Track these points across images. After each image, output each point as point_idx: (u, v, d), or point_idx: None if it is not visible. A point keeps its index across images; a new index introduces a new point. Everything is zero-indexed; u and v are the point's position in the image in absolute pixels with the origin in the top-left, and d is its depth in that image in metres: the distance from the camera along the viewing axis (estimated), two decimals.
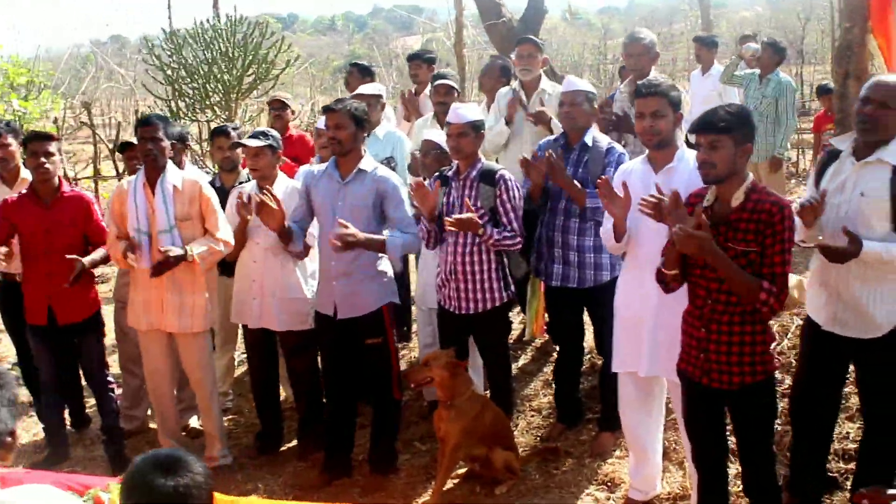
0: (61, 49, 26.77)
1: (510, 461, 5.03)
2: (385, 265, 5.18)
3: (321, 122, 5.73)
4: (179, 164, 6.17)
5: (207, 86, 12.36)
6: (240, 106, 12.57)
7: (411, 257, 6.66)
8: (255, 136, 5.45)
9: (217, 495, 2.93)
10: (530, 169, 5.08)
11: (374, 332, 5.12)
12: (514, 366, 6.38)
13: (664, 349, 4.21)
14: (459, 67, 11.59)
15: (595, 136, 5.15)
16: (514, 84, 6.57)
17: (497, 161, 6.25)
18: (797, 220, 3.96)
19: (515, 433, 5.59)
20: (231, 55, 12.41)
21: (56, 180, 5.43)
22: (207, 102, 12.29)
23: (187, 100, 12.42)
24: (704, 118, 3.73)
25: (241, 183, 5.94)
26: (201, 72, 12.40)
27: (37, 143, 5.34)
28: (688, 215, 3.66)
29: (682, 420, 4.22)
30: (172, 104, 12.36)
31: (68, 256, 5.17)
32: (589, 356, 5.94)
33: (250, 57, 12.44)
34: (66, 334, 5.50)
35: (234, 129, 6.21)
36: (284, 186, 5.44)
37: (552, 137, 5.42)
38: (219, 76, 12.31)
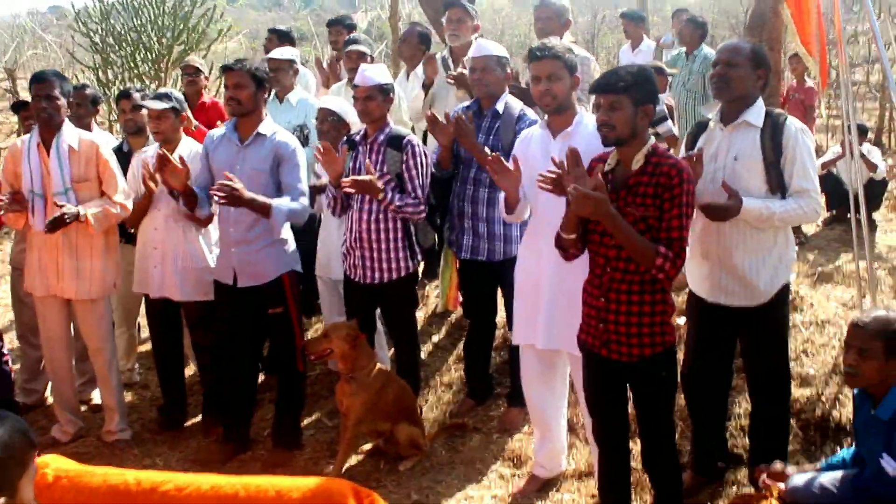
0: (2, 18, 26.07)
1: (415, 437, 4.90)
2: (286, 232, 4.99)
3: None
4: (87, 128, 5.94)
5: (136, 54, 12.04)
6: (170, 76, 12.26)
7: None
8: (157, 97, 5.22)
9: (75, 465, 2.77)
10: (436, 129, 4.91)
11: (276, 302, 4.94)
12: (429, 340, 6.26)
13: (563, 321, 4.09)
14: (394, 41, 11.41)
15: (508, 102, 4.98)
16: (444, 51, 6.39)
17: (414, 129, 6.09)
18: None
19: (425, 408, 5.48)
20: (161, 24, 12.10)
21: None
22: (136, 72, 11.97)
23: (115, 69, 12.09)
24: (603, 78, 3.63)
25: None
26: (129, 40, 12.09)
27: None
28: (587, 175, 3.54)
29: (582, 394, 4.10)
30: (101, 73, 12.05)
31: None
32: (502, 331, 5.79)
33: (180, 26, 12.14)
34: None
35: (139, 90, 5.94)
36: (188, 150, 5.21)
37: (466, 103, 5.26)
38: (148, 45, 11.99)
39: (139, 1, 12.15)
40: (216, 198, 4.58)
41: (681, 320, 5.15)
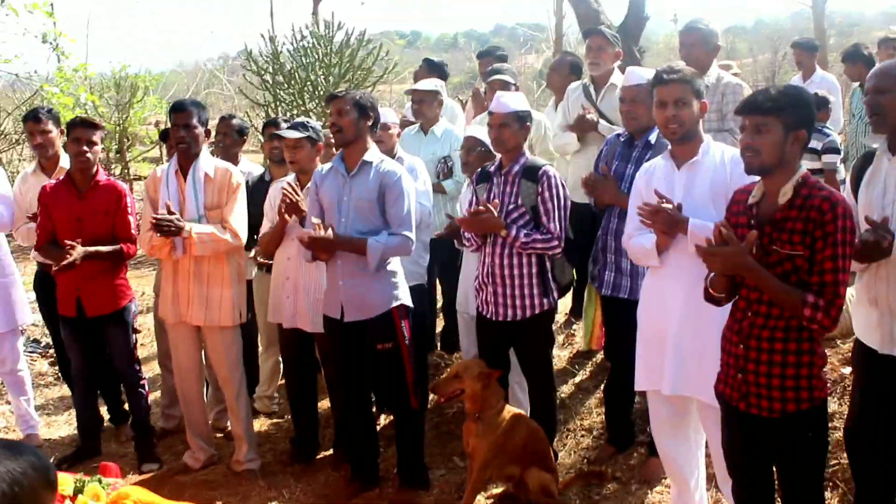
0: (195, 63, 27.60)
1: (547, 483, 4.59)
2: (395, 265, 4.82)
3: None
4: (234, 158, 6.02)
5: (304, 92, 12.34)
6: None
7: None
8: (293, 127, 5.20)
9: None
10: (597, 190, 4.69)
11: (385, 337, 4.76)
12: (570, 381, 5.96)
13: (692, 365, 3.74)
14: None
15: (660, 133, 4.66)
16: (585, 79, 6.15)
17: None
18: None
19: (562, 453, 5.18)
20: (328, 62, 12.36)
21: (94, 169, 5.29)
22: (303, 108, 12.25)
23: (284, 106, 12.41)
24: (750, 98, 3.26)
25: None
26: (298, 78, 12.40)
27: (81, 129, 5.21)
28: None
29: (715, 450, 3.71)
30: (270, 110, 12.41)
31: (67, 242, 5.00)
32: None
33: (346, 64, 12.37)
34: (95, 326, 5.32)
35: (286, 122, 5.97)
36: None
37: (618, 132, 4.97)
38: (315, 82, 12.26)
39: (309, 41, 12.51)
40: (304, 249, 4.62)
41: (845, 370, 4.67)
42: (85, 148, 5.19)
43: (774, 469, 3.38)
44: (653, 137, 4.64)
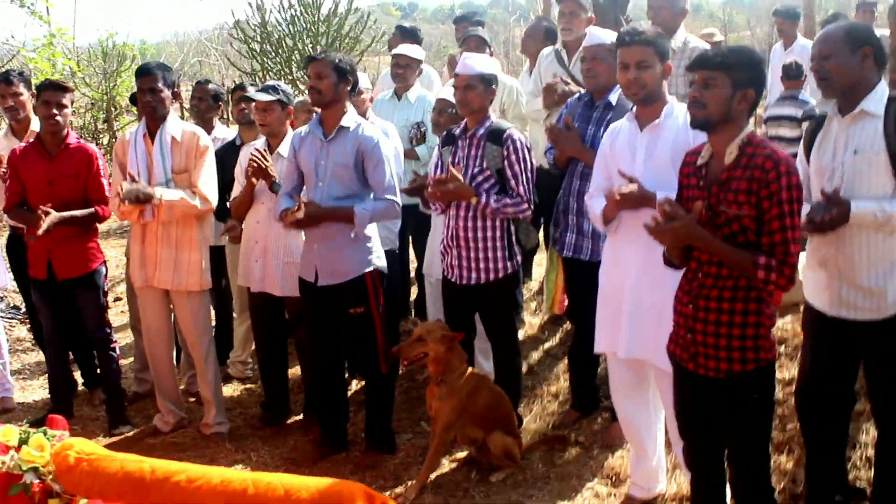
0: (192, 34, 27.40)
1: (509, 447, 4.62)
2: (370, 230, 4.83)
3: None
4: (209, 123, 6.02)
5: (292, 60, 12.30)
6: None
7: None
8: (264, 89, 5.20)
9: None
10: (559, 140, 4.65)
11: (357, 301, 4.79)
12: (539, 347, 5.98)
13: (648, 330, 3.77)
14: None
15: (622, 93, 4.65)
16: (557, 45, 6.13)
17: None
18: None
19: (528, 418, 5.21)
20: (315, 30, 12.32)
21: (64, 132, 5.29)
22: (291, 77, 12.21)
23: (272, 75, 12.36)
24: (701, 53, 3.29)
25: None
26: (285, 46, 12.36)
27: (50, 92, 5.20)
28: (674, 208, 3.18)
29: (670, 413, 3.74)
30: (258, 79, 12.37)
31: (40, 208, 4.99)
32: None
33: (334, 33, 12.32)
34: (66, 289, 5.34)
35: (252, 84, 5.97)
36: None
37: (578, 94, 4.97)
38: (303, 51, 12.22)
39: (296, 9, 12.45)
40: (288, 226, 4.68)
41: None
42: (55, 111, 5.18)
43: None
44: (613, 98, 4.63)
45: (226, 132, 6.36)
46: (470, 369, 4.68)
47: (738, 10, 32.33)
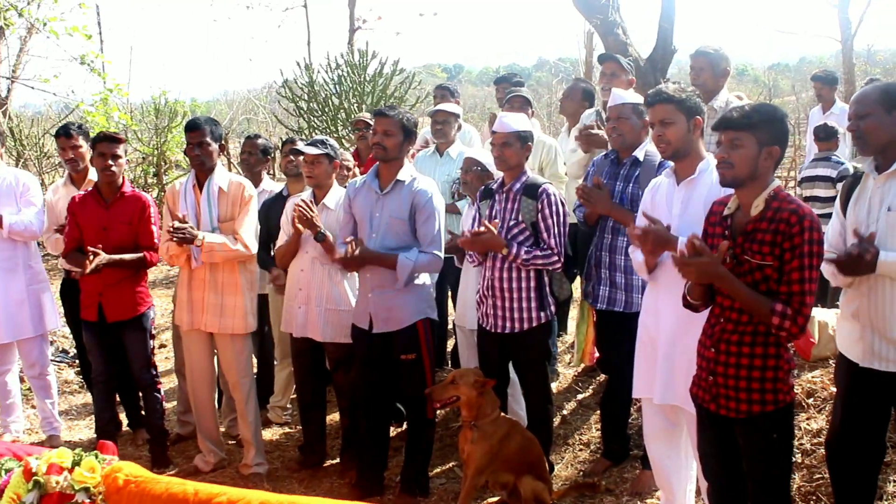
0: (240, 92, 28.07)
1: (540, 492, 4.71)
2: (424, 278, 5.02)
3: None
4: (258, 176, 6.27)
5: (338, 119, 12.62)
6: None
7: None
8: (312, 143, 5.42)
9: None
10: (591, 200, 4.80)
11: (409, 348, 4.96)
12: (573, 398, 6.08)
13: (681, 376, 3.85)
14: None
15: (648, 150, 4.82)
16: (598, 106, 6.32)
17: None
18: (830, 267, 3.57)
19: (560, 466, 5.30)
20: (361, 90, 12.65)
21: (119, 180, 5.55)
22: (337, 135, 12.53)
23: (318, 132, 12.70)
24: (726, 114, 3.43)
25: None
26: (332, 105, 12.70)
27: (105, 144, 5.46)
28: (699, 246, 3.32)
29: (696, 454, 3.83)
30: (304, 137, 12.70)
31: (88, 248, 5.24)
32: None
33: (379, 92, 12.65)
34: (115, 331, 5.55)
35: (302, 140, 6.23)
36: (338, 196, 5.36)
37: (604, 153, 5.14)
38: (348, 110, 12.54)
39: (342, 70, 12.83)
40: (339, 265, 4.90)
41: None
42: (110, 162, 5.44)
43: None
44: (640, 154, 4.81)
45: (273, 185, 6.61)
46: (502, 415, 4.79)
47: (783, 76, 32.49)
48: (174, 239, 5.06)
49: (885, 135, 3.59)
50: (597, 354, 5.70)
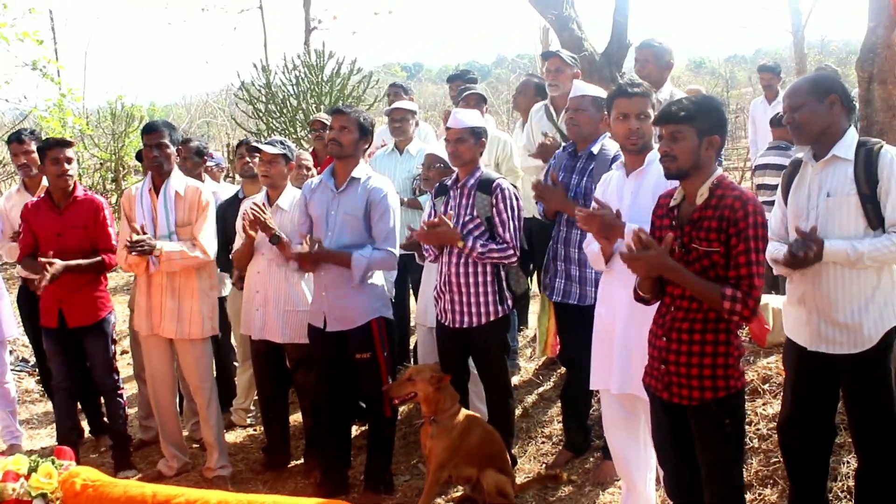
0: (198, 96, 27.95)
1: (503, 485, 4.75)
2: (377, 278, 5.04)
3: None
4: (198, 178, 6.24)
5: (296, 120, 12.58)
6: None
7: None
8: (271, 143, 5.43)
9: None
10: (545, 195, 4.86)
11: (364, 347, 4.97)
12: (534, 391, 6.13)
13: (638, 366, 3.89)
14: None
15: (604, 144, 4.87)
16: (547, 101, 6.36)
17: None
18: (773, 251, 3.65)
19: (522, 459, 5.35)
20: (318, 91, 12.62)
21: (72, 185, 5.51)
22: (295, 136, 12.50)
23: (276, 134, 12.65)
24: (664, 108, 3.49)
25: None
26: (290, 106, 12.66)
27: (56, 149, 5.41)
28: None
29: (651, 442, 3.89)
30: (262, 139, 12.65)
31: (41, 259, 5.20)
32: None
33: (337, 92, 12.63)
34: (76, 337, 5.52)
35: (257, 141, 6.22)
36: (292, 197, 5.38)
37: (563, 146, 5.19)
38: (306, 111, 12.52)
39: (300, 71, 12.79)
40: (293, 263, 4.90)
41: None
42: (66, 166, 5.40)
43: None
44: (595, 148, 4.85)
45: (215, 186, 6.56)
46: (462, 409, 4.83)
47: (739, 67, 32.86)
48: (133, 252, 5.03)
49: (819, 123, 3.66)
50: (558, 346, 5.75)
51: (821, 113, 3.65)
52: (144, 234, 5.07)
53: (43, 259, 5.18)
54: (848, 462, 4.45)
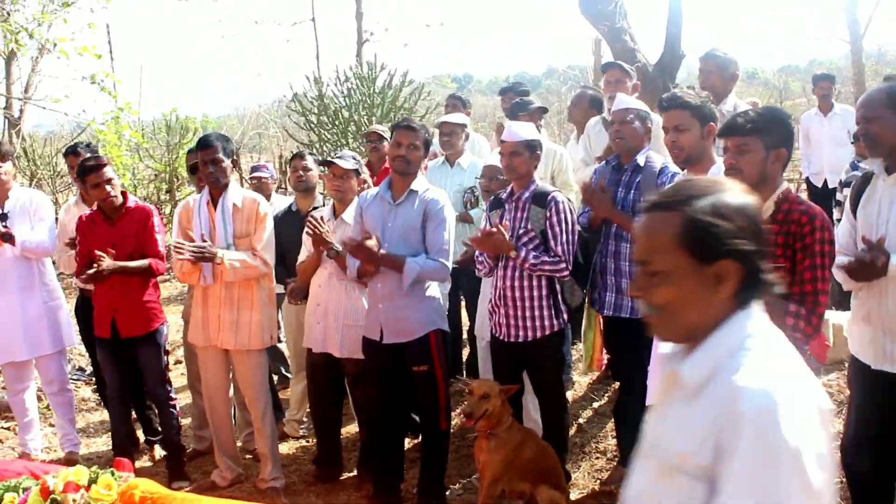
0: (251, 108, 28.20)
1: (557, 501, 4.69)
2: (434, 290, 5.02)
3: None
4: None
5: (348, 132, 12.64)
6: None
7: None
8: (343, 157, 5.44)
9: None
10: (593, 199, 4.82)
11: (421, 360, 4.95)
12: (589, 406, 6.08)
13: None
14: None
15: (649, 155, 4.84)
16: (605, 113, 6.33)
17: None
18: (842, 272, 3.55)
19: (577, 474, 5.30)
20: (371, 102, 12.68)
21: (119, 198, 5.56)
22: (348, 148, 12.55)
23: (329, 146, 12.75)
24: (731, 120, 3.43)
25: (315, 207, 5.96)
26: (342, 118, 12.73)
27: (93, 175, 5.43)
28: None
29: None
30: (314, 150, 12.75)
31: (96, 252, 5.26)
32: None
33: (389, 104, 12.67)
34: (129, 347, 5.58)
35: (311, 154, 6.26)
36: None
37: (606, 160, 5.15)
38: (358, 122, 12.57)
39: (352, 83, 12.87)
40: (349, 251, 4.80)
41: None
42: (108, 189, 5.45)
43: None
44: (641, 160, 4.83)
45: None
46: (516, 423, 4.78)
47: (793, 78, 32.39)
48: (194, 258, 5.07)
49: (894, 136, 3.58)
50: (605, 361, 5.69)
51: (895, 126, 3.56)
52: (205, 241, 5.10)
53: (97, 252, 5.24)
54: None
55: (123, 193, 5.62)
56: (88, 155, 6.00)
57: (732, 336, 1.83)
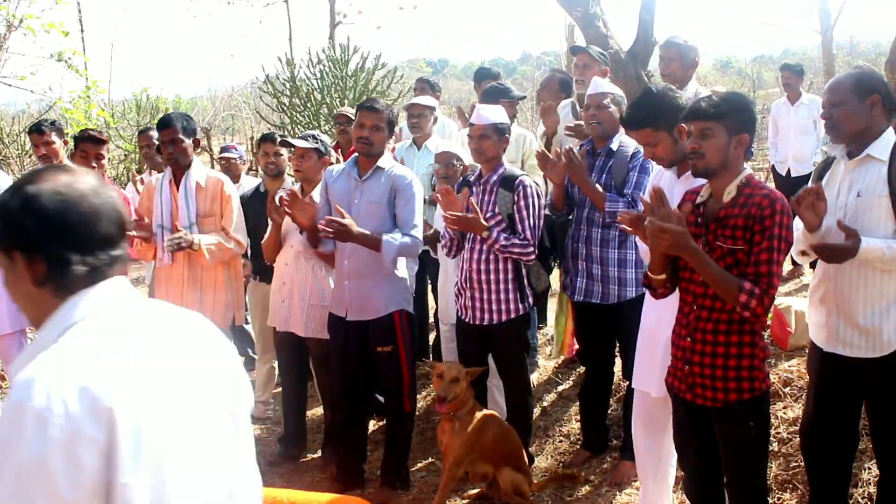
0: (224, 89, 28.02)
1: (519, 484, 4.72)
2: (401, 269, 5.00)
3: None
4: (161, 169, 6.19)
5: (320, 114, 12.59)
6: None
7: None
8: (303, 137, 5.41)
9: None
10: (547, 167, 4.83)
11: (385, 340, 4.94)
12: (553, 390, 6.09)
13: None
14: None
15: (622, 140, 4.85)
16: (573, 97, 6.32)
17: None
18: (798, 227, 3.58)
19: (540, 458, 5.32)
20: (343, 85, 12.62)
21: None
22: (320, 130, 12.49)
23: (300, 128, 12.69)
24: (694, 105, 3.43)
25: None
26: (314, 100, 12.67)
27: (89, 144, 5.42)
28: (671, 214, 3.31)
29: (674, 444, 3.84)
30: (286, 132, 12.68)
31: None
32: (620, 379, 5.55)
33: (362, 87, 12.63)
34: None
35: (281, 136, 6.22)
36: None
37: (580, 144, 5.15)
38: (330, 105, 12.52)
39: (324, 65, 12.80)
40: (324, 232, 4.67)
41: None
42: (93, 164, 5.40)
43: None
44: (614, 145, 4.84)
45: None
46: (478, 405, 4.79)
47: (766, 68, 32.55)
48: (171, 249, 5.03)
49: (857, 123, 3.60)
50: (576, 346, 5.70)
51: (860, 112, 3.59)
52: (178, 230, 5.05)
53: None
54: (870, 468, 4.39)
55: (102, 177, 5.55)
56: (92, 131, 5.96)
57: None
